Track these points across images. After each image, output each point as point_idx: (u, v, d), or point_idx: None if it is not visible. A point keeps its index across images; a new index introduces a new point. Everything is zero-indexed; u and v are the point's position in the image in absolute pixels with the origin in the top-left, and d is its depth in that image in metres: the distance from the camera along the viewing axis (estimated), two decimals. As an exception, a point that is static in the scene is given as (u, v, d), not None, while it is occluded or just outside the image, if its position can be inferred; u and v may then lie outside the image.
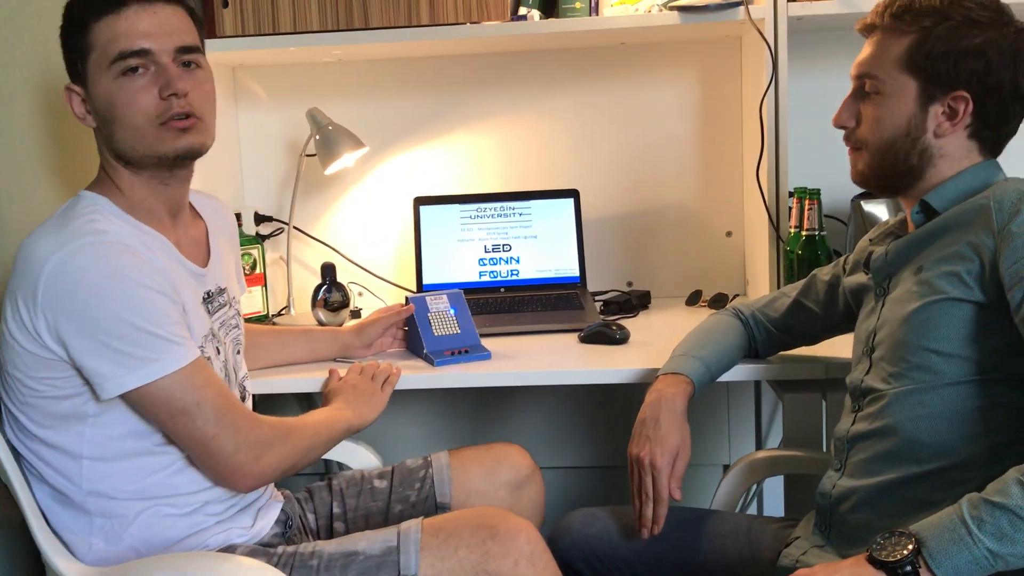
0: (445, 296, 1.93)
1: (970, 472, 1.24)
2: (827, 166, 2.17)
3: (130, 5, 1.36)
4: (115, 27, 1.35)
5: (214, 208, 1.62)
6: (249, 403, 1.59)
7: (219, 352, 1.47)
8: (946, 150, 1.36)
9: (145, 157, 1.38)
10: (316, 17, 2.07)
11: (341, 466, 1.88)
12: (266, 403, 2.54)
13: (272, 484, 1.61)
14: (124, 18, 1.35)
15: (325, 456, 1.93)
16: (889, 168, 1.39)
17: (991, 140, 1.37)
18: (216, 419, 1.33)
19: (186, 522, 1.40)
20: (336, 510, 1.67)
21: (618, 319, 2.12)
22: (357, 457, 1.86)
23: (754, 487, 2.21)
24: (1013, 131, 1.38)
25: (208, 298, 1.49)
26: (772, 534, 1.54)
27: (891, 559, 1.09)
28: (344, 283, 2.22)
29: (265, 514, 1.53)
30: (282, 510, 1.59)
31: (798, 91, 2.20)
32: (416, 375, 1.79)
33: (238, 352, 1.57)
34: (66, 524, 1.39)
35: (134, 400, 1.31)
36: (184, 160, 1.41)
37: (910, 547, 1.09)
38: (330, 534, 1.66)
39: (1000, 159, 1.40)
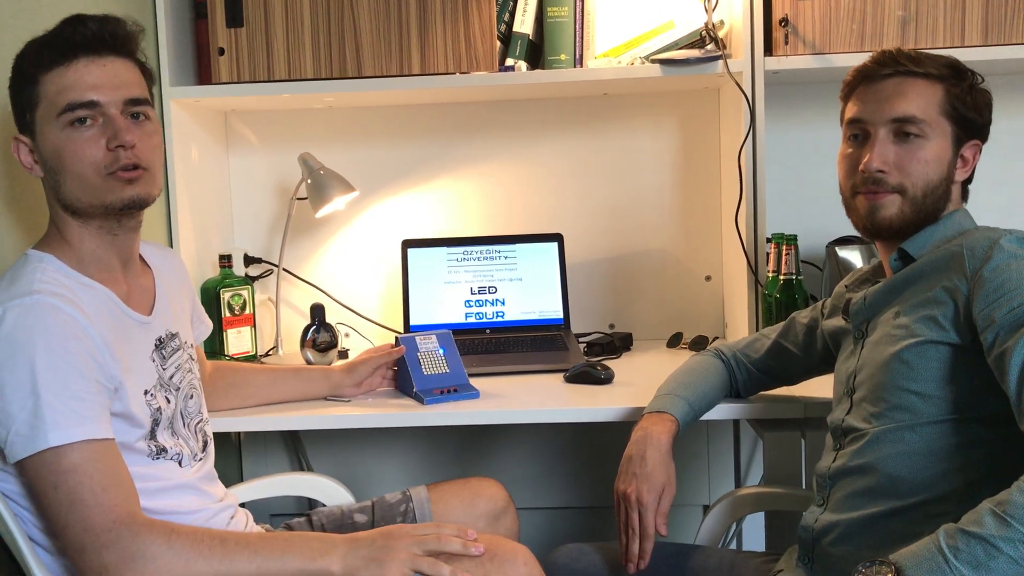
0: (434, 336, 1.97)
1: (947, 506, 1.29)
2: (802, 213, 2.25)
3: (79, 58, 1.37)
4: (64, 79, 1.36)
5: (160, 256, 1.62)
6: (211, 447, 1.57)
7: (169, 401, 1.46)
8: (952, 195, 1.45)
9: (92, 207, 1.38)
10: (310, 65, 2.12)
11: (313, 503, 1.88)
12: (253, 440, 2.56)
13: (250, 518, 1.61)
14: (73, 70, 1.36)
15: (297, 493, 1.93)
16: (930, 208, 1.43)
17: (967, 187, 1.48)
18: (68, 509, 1.24)
19: None
20: None
21: (602, 360, 2.17)
22: (328, 493, 1.87)
23: (733, 525, 2.24)
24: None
25: (160, 344, 1.49)
26: (755, 568, 1.58)
27: (873, 588, 1.14)
28: (332, 324, 2.26)
29: None
30: None
31: (774, 141, 2.28)
32: (406, 413, 1.82)
33: (191, 396, 1.54)
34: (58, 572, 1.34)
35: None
36: (130, 210, 1.41)
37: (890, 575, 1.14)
38: (317, 569, 1.67)
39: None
